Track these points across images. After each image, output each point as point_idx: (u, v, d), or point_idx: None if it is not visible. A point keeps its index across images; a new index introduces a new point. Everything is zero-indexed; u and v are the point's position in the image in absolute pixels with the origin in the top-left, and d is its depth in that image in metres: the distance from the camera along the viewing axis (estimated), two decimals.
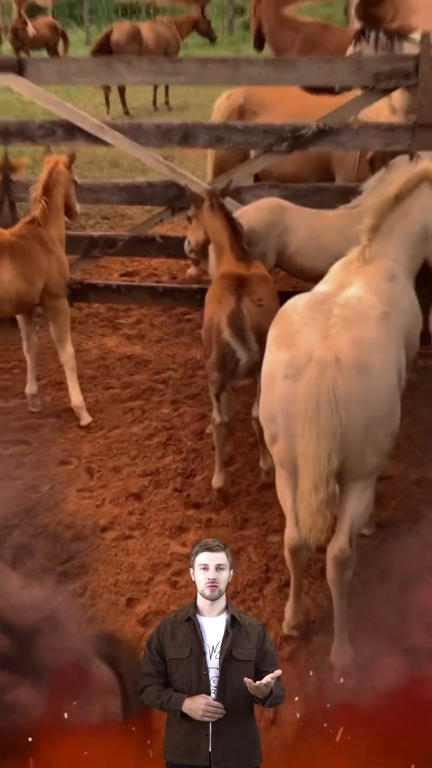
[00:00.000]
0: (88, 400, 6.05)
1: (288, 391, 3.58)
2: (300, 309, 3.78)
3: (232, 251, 5.12)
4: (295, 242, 5.51)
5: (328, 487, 3.49)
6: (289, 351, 3.62)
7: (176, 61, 6.22)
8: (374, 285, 3.99)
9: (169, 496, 5.07)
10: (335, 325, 3.62)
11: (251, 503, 4.99)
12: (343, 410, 3.46)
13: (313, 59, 6.06)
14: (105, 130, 6.13)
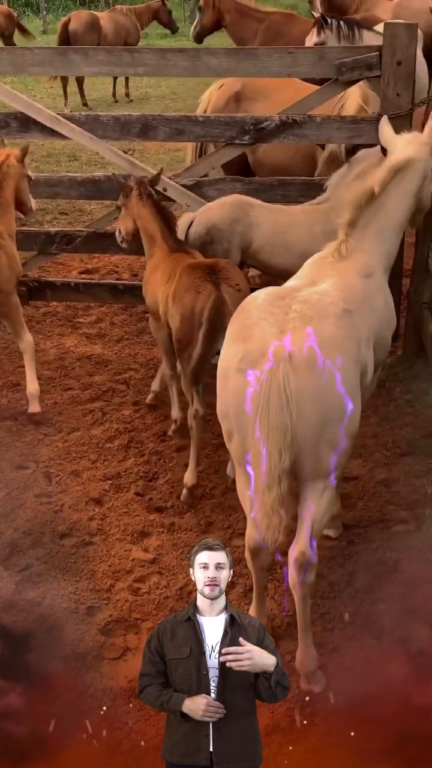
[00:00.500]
0: (46, 402, 5.88)
1: (240, 385, 3.47)
2: (259, 303, 3.68)
3: (164, 241, 5.26)
4: (259, 239, 5.39)
5: (281, 485, 3.38)
6: (243, 344, 3.52)
7: (134, 51, 6.01)
8: (347, 281, 3.89)
9: (131, 501, 4.93)
10: (292, 321, 3.51)
11: (215, 506, 4.87)
12: (294, 407, 3.35)
13: (274, 49, 5.91)
14: (61, 122, 5.94)
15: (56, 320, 7.08)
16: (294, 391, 3.35)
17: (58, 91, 13.62)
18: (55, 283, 6.73)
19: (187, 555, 4.44)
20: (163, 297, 5.00)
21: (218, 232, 5.36)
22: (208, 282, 4.70)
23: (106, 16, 13.58)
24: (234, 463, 3.85)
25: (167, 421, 5.67)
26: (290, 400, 3.34)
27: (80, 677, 3.84)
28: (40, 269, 7.39)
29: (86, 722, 3.60)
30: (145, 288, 5.40)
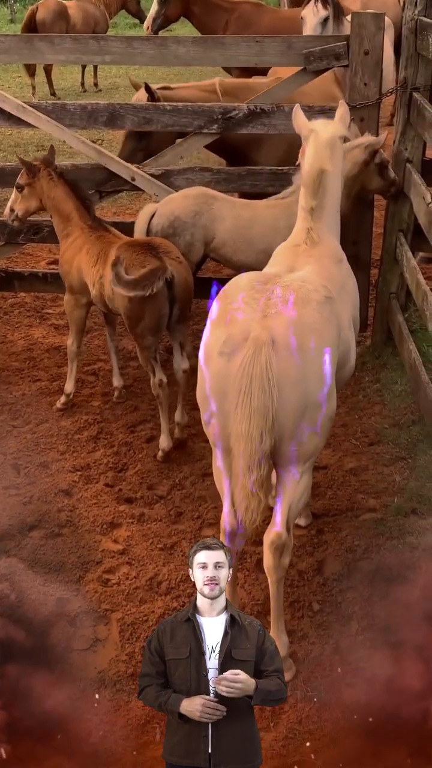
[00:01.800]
0: (14, 393, 5.83)
1: (223, 368, 3.51)
2: (242, 287, 3.70)
3: (81, 219, 5.36)
4: (222, 233, 5.36)
5: (261, 468, 3.43)
6: (226, 328, 3.55)
7: (101, 39, 5.95)
8: (324, 268, 3.92)
9: (100, 492, 4.90)
10: (275, 305, 3.54)
11: (185, 497, 4.86)
12: (275, 391, 3.39)
13: (241, 38, 5.87)
14: (27, 110, 5.87)
15: (24, 311, 7.01)
16: (276, 375, 3.38)
17: (25, 81, 13.46)
18: (22, 274, 6.66)
19: (157, 545, 4.49)
20: (96, 279, 5.14)
21: (181, 225, 5.33)
22: (151, 257, 4.87)
23: (74, 5, 13.42)
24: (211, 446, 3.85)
25: (137, 412, 5.65)
26: (272, 384, 3.37)
27: (49, 669, 3.82)
28: (8, 260, 7.31)
29: (54, 714, 3.58)
30: (65, 267, 5.50)
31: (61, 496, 4.86)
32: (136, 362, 6.13)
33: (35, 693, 3.69)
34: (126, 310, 4.95)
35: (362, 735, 3.49)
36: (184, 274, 5.00)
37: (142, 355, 5.07)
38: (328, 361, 3.60)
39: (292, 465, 3.61)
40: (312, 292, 3.65)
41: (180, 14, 8.91)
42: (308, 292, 3.63)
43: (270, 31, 7.84)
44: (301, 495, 3.71)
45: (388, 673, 3.67)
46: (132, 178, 6.00)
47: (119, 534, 4.60)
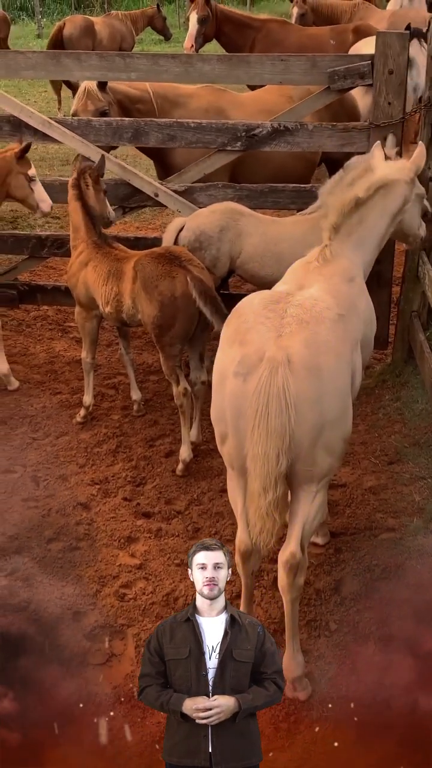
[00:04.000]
0: (35, 406, 5.86)
1: (238, 389, 3.50)
2: (255, 307, 3.69)
3: (87, 234, 5.43)
4: (248, 248, 5.39)
5: (277, 489, 3.42)
6: (240, 348, 3.54)
7: (127, 57, 6.01)
8: (333, 286, 3.91)
9: (119, 506, 4.91)
10: (289, 325, 3.53)
11: (203, 512, 4.86)
12: (292, 411, 3.39)
13: (266, 56, 5.92)
14: (53, 126, 5.94)
15: (46, 324, 7.07)
16: (293, 396, 3.38)
17: (52, 95, 13.60)
18: (45, 287, 6.72)
19: (174, 561, 4.49)
20: (111, 296, 5.20)
21: (207, 239, 5.36)
22: (176, 267, 4.95)
23: (101, 21, 13.58)
24: (226, 467, 3.85)
25: (156, 426, 5.66)
26: (289, 404, 3.36)
27: (65, 683, 3.82)
28: (31, 273, 7.38)
29: (70, 728, 3.59)
30: (71, 281, 5.56)
31: (80, 510, 4.88)
32: (156, 376, 6.17)
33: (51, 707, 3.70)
34: (155, 319, 4.97)
35: (380, 757, 3.46)
36: (209, 282, 5.07)
37: (167, 365, 5.09)
38: (344, 379, 3.59)
39: (307, 485, 3.60)
40: (325, 310, 3.65)
41: (215, 33, 9.01)
42: (321, 311, 3.63)
43: (296, 49, 7.90)
44: (316, 514, 3.69)
45: (406, 694, 3.64)
46: (155, 194, 6.06)
47: (137, 548, 4.60)
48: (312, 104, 5.83)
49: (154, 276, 4.98)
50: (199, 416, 5.36)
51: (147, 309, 5.02)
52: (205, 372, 5.31)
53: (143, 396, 5.85)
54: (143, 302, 5.03)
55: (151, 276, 4.99)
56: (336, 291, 3.88)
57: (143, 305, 5.04)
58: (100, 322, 5.61)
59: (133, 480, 5.13)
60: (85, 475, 5.17)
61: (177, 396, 5.11)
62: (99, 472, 5.20)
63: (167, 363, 5.10)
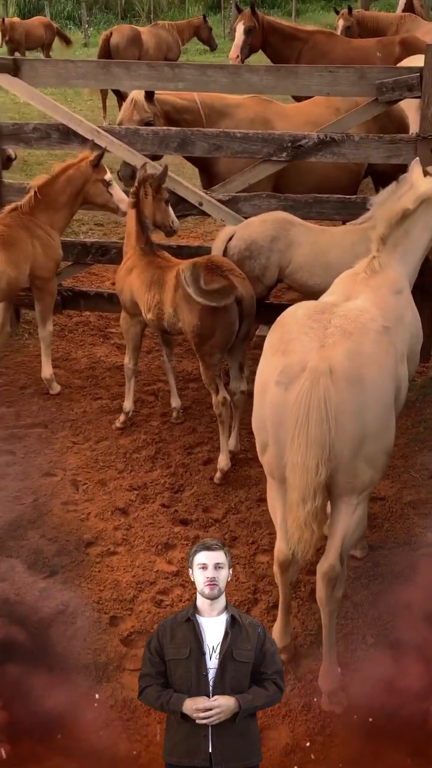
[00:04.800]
0: (75, 410, 5.92)
1: (280, 398, 3.50)
2: (299, 317, 3.70)
3: (136, 241, 5.50)
4: (298, 258, 5.39)
5: (316, 499, 3.41)
6: (283, 358, 3.55)
7: (176, 67, 6.08)
8: (380, 297, 3.90)
9: (156, 512, 4.93)
10: (332, 335, 3.53)
11: (240, 521, 4.86)
12: (333, 421, 3.38)
13: (314, 67, 5.95)
14: (101, 134, 6.02)
15: (88, 330, 7.14)
16: (334, 406, 3.37)
17: (97, 104, 13.77)
18: (88, 293, 6.79)
19: None
20: (153, 304, 5.23)
21: (257, 249, 5.38)
22: (218, 276, 4.96)
23: (147, 31, 13.72)
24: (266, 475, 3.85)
25: (194, 434, 5.68)
26: (330, 415, 3.36)
27: (101, 687, 3.84)
28: (74, 279, 7.46)
29: (106, 732, 3.60)
30: (118, 285, 5.65)
31: (118, 515, 4.90)
32: (196, 384, 6.19)
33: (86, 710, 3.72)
34: (195, 328, 5.00)
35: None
36: (250, 292, 5.11)
37: (206, 374, 5.11)
38: (387, 392, 3.57)
39: (348, 497, 3.58)
40: (370, 321, 3.63)
41: (261, 44, 9.04)
42: (366, 322, 3.62)
43: (343, 61, 7.91)
44: (356, 527, 3.67)
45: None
46: (199, 203, 6.10)
47: (173, 555, 4.61)
48: (359, 116, 5.83)
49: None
50: (237, 425, 5.36)
51: (187, 318, 5.05)
52: (244, 382, 5.32)
53: (182, 403, 5.87)
54: (184, 311, 5.06)
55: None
56: (383, 303, 3.86)
57: (184, 314, 5.07)
58: (144, 329, 5.64)
59: (171, 487, 5.15)
60: (123, 481, 5.20)
61: (216, 405, 5.12)
62: (137, 478, 5.23)
63: (207, 372, 5.12)
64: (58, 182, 5.76)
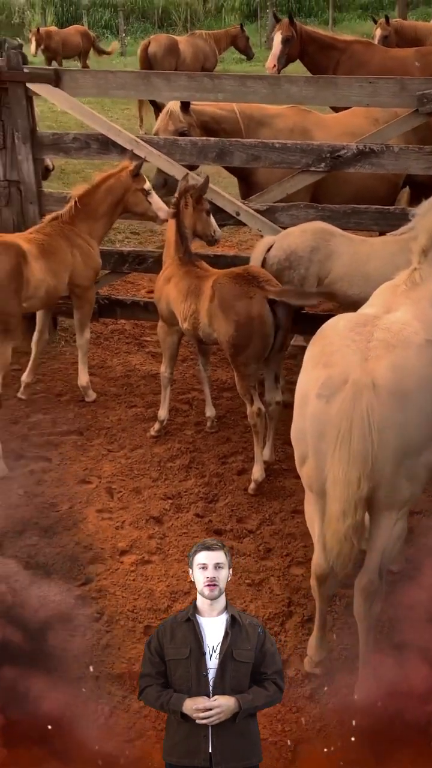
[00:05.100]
0: (111, 418, 5.95)
1: (321, 411, 3.48)
2: (340, 329, 3.68)
3: (175, 251, 5.51)
4: (338, 268, 5.37)
5: (357, 513, 3.39)
6: (325, 370, 3.53)
7: (215, 77, 6.10)
8: (421, 311, 3.87)
9: (190, 521, 4.93)
10: (375, 348, 3.51)
11: (274, 533, 4.84)
12: (376, 436, 3.35)
13: (354, 78, 5.94)
14: (140, 144, 6.05)
15: (123, 338, 7.18)
16: (377, 420, 3.35)
17: (133, 113, 13.87)
18: (124, 302, 6.83)
19: (245, 580, 4.48)
20: (189, 313, 5.25)
21: (297, 259, 5.37)
22: (254, 287, 4.98)
23: (185, 40, 13.81)
24: (304, 488, 3.83)
25: (229, 443, 5.68)
26: (372, 429, 3.33)
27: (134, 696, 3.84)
28: (110, 287, 7.51)
29: (140, 742, 3.60)
30: (156, 294, 5.69)
31: (152, 523, 4.91)
32: (230, 393, 6.20)
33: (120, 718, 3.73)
34: (231, 339, 5.00)
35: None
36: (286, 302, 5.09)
37: (241, 384, 5.11)
38: (430, 407, 3.54)
39: (388, 511, 3.56)
40: (413, 335, 3.60)
41: (299, 53, 9.04)
42: (409, 336, 3.59)
43: (380, 71, 7.88)
44: (396, 541, 3.65)
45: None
46: (237, 213, 6.11)
47: None
48: (399, 127, 5.81)
49: (231, 296, 5.02)
50: (272, 436, 5.35)
51: (223, 328, 5.05)
52: (279, 392, 5.31)
53: (217, 413, 5.88)
54: (220, 321, 5.07)
55: (228, 295, 5.02)
56: (424, 316, 3.83)
57: (220, 324, 5.08)
58: (181, 338, 5.66)
59: (205, 496, 5.15)
60: (158, 489, 5.21)
61: (251, 416, 5.12)
62: (172, 487, 5.24)
63: (242, 382, 5.12)
64: (98, 192, 5.81)
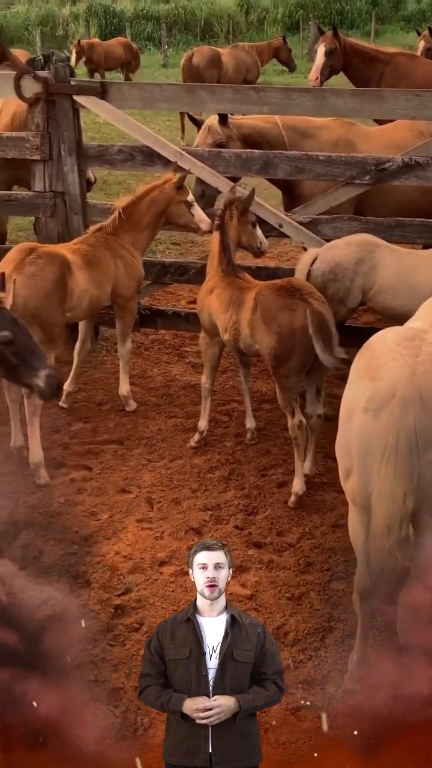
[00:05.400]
0: (151, 428, 5.97)
1: (367, 425, 3.45)
2: (388, 343, 3.66)
3: (219, 263, 5.50)
4: (382, 279, 5.35)
5: (402, 529, 3.35)
6: (372, 384, 3.50)
7: (261, 90, 6.12)
8: None
9: (230, 534, 4.92)
10: (423, 363, 3.47)
11: (314, 546, 4.81)
12: (422, 451, 3.31)
13: (400, 91, 5.92)
14: (185, 156, 6.09)
15: (164, 348, 7.21)
16: (424, 436, 3.31)
17: (174, 124, 13.98)
18: (165, 312, 6.87)
19: (285, 594, 4.46)
20: (230, 324, 5.25)
21: (342, 271, 5.35)
22: (297, 299, 4.96)
23: (227, 52, 13.88)
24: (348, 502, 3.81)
25: (269, 455, 5.66)
26: (419, 444, 3.30)
27: None
28: (151, 297, 7.55)
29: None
30: (198, 305, 5.71)
31: (192, 534, 4.91)
32: (270, 405, 6.18)
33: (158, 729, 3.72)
34: (273, 351, 5.00)
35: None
36: (328, 315, 5.06)
37: (282, 397, 5.09)
38: None
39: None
40: None
41: (342, 66, 9.04)
42: None
43: (424, 83, 7.84)
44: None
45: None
46: (279, 225, 6.11)
47: (247, 578, 4.59)
48: None
49: (274, 308, 5.01)
50: (313, 449, 5.32)
51: (265, 340, 5.05)
52: (321, 405, 5.28)
53: (256, 424, 5.87)
54: (262, 333, 5.07)
55: (271, 307, 5.02)
56: None
57: (262, 336, 5.07)
58: (222, 349, 5.67)
59: (245, 508, 5.14)
60: (197, 500, 5.21)
61: (292, 428, 5.10)
62: (211, 498, 5.23)
63: (283, 395, 5.10)
64: (142, 203, 5.85)
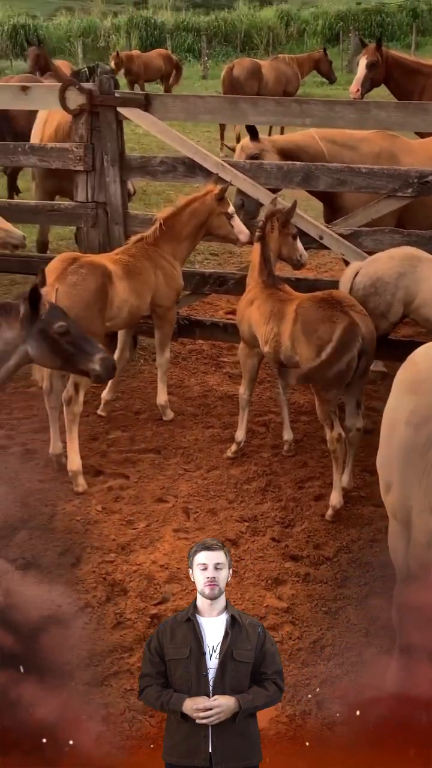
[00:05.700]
0: (188, 437, 5.98)
1: (409, 439, 3.42)
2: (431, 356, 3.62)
3: (259, 274, 5.50)
4: (424, 293, 5.31)
5: None
6: (415, 397, 3.46)
7: (303, 103, 6.12)
8: None
9: (267, 546, 4.91)
10: None
11: (352, 561, 4.78)
12: None
13: None
14: (226, 168, 6.12)
15: (201, 358, 7.23)
16: None
17: (214, 135, 14.05)
18: (204, 322, 6.89)
19: (322, 608, 4.44)
20: (270, 336, 5.25)
21: (383, 285, 5.33)
22: (338, 312, 4.96)
23: (268, 64, 13.93)
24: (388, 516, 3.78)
25: (306, 468, 5.64)
26: None
27: None
28: (189, 308, 7.59)
29: None
30: (238, 317, 5.71)
31: (228, 546, 4.88)
32: (308, 416, 6.16)
33: None
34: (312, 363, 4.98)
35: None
36: (370, 327, 5.05)
37: (322, 409, 5.07)
38: None
39: None
40: None
41: (384, 78, 9.03)
42: None
43: None
44: None
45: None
46: (320, 237, 6.10)
47: (284, 591, 4.57)
48: None
49: (315, 320, 5.00)
50: (351, 462, 5.30)
51: (305, 352, 5.04)
52: (360, 419, 5.26)
53: (294, 436, 5.85)
54: (302, 345, 5.06)
55: (312, 319, 5.02)
56: None
57: (302, 348, 5.07)
58: (261, 361, 5.67)
59: (281, 521, 5.12)
60: (234, 511, 5.21)
61: (331, 441, 5.08)
62: (248, 510, 5.23)
63: (322, 407, 5.08)
64: (183, 214, 5.89)
